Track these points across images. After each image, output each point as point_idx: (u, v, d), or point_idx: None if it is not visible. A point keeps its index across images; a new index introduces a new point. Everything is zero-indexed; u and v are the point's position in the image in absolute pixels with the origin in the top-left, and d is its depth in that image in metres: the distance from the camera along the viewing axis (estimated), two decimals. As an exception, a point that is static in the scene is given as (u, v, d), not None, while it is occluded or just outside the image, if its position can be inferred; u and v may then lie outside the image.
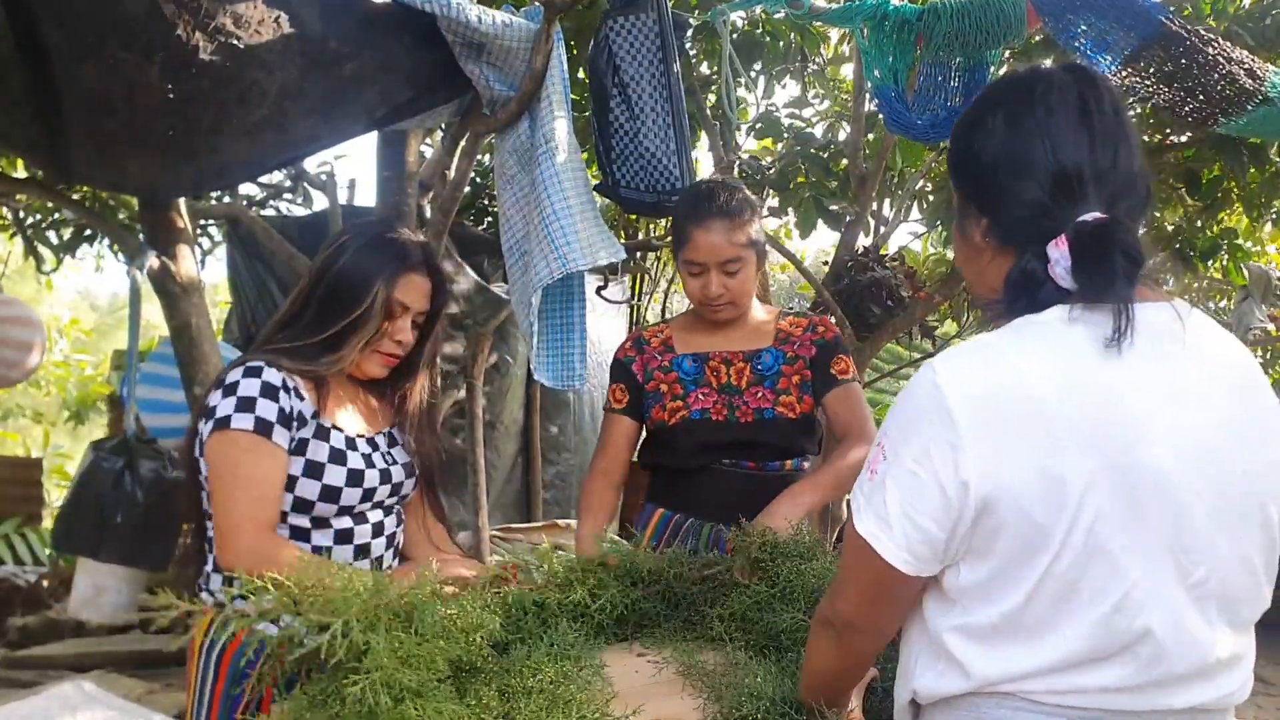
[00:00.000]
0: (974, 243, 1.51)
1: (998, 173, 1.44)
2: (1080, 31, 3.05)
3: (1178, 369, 1.36)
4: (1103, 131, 1.40)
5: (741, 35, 5.66)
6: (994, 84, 1.57)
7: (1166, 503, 1.31)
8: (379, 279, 2.16)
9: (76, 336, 14.65)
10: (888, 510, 1.36)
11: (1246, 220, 5.95)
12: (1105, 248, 1.33)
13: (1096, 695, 1.33)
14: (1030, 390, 1.31)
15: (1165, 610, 1.32)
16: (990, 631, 1.36)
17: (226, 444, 2.03)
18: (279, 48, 2.80)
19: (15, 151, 4.55)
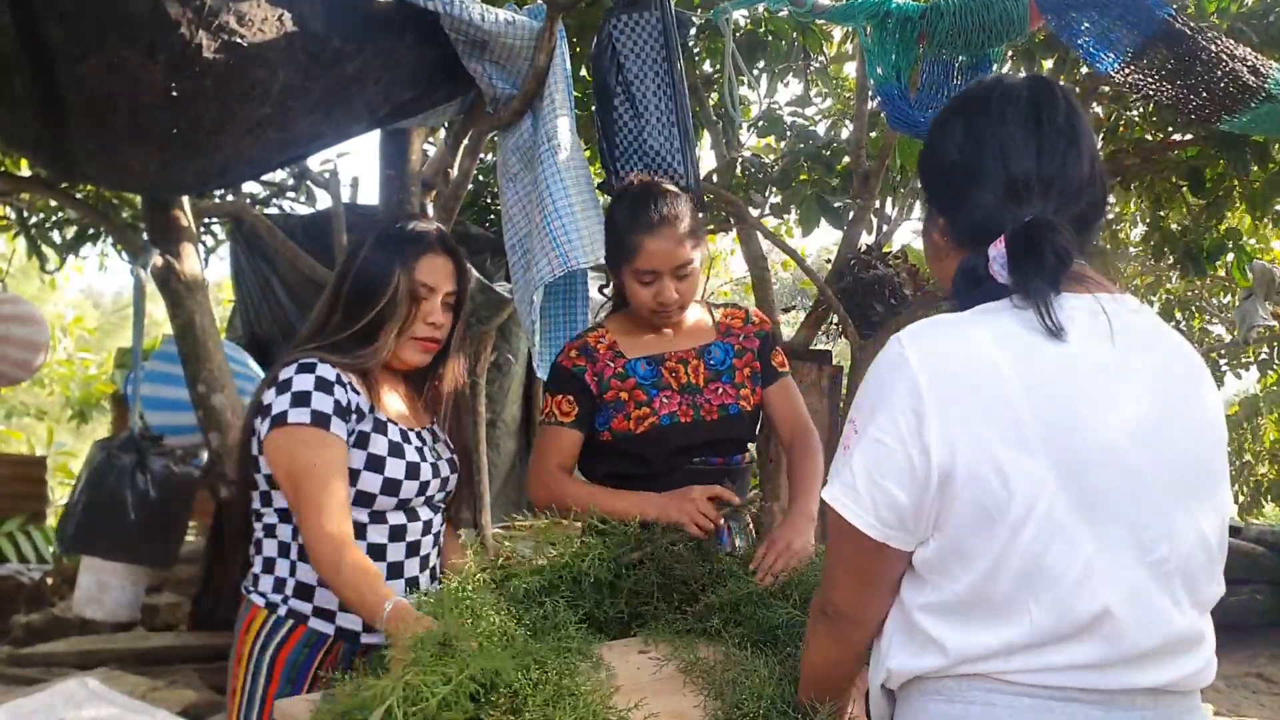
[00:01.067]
0: (934, 241, 1.60)
1: (954, 178, 1.53)
2: (1083, 29, 3.05)
3: (1121, 356, 1.41)
4: (1052, 141, 1.48)
5: (744, 33, 5.67)
6: (958, 94, 1.64)
7: (1123, 480, 1.35)
8: (397, 266, 2.19)
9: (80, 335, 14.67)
10: (854, 478, 1.40)
11: (1250, 218, 5.95)
12: (1036, 246, 1.40)
13: (1065, 673, 1.35)
14: (991, 367, 1.36)
15: (1126, 587, 1.34)
16: (958, 607, 1.39)
17: (286, 440, 2.04)
18: (282, 46, 2.80)
19: (18, 150, 4.57)
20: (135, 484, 4.52)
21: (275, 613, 2.14)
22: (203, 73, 2.72)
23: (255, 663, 2.12)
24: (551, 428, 2.62)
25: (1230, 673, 7.02)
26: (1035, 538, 1.33)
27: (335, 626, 2.13)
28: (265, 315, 6.88)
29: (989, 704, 1.38)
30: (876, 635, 1.53)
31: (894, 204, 6.96)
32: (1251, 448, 11.62)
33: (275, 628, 2.13)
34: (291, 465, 2.03)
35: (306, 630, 2.12)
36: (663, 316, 2.60)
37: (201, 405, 4.37)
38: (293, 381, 2.08)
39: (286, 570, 2.15)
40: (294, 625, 2.13)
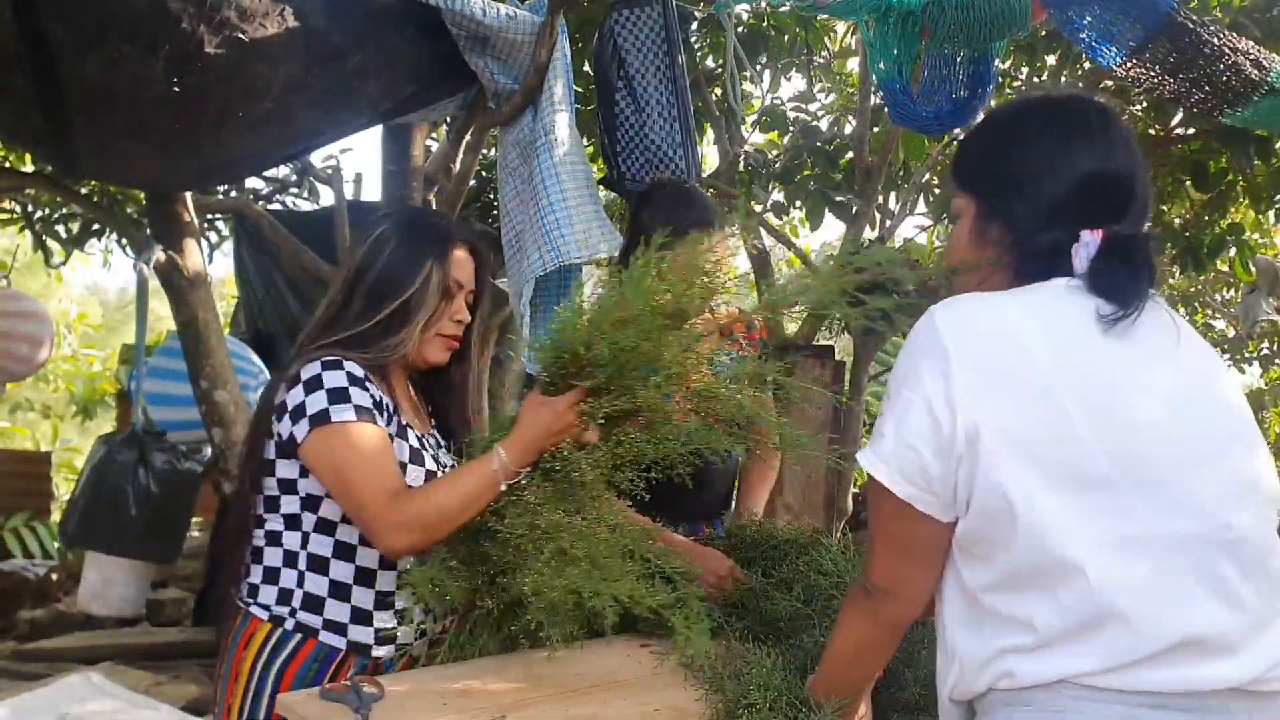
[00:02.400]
0: (994, 253, 1.56)
1: (1033, 183, 1.51)
2: (1085, 23, 3.04)
3: (1166, 350, 1.45)
4: (1129, 160, 1.50)
5: (746, 28, 5.66)
6: (1023, 103, 1.67)
7: (1168, 453, 1.37)
8: (430, 257, 2.12)
9: (85, 331, 14.68)
10: (884, 439, 1.43)
11: (1253, 213, 5.93)
12: (1134, 255, 1.43)
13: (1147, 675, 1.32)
14: (1019, 335, 1.39)
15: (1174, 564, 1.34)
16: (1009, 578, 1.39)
17: (332, 438, 1.94)
18: (283, 41, 2.80)
19: (21, 146, 4.57)
20: (137, 479, 4.53)
21: (281, 626, 2.02)
22: (204, 68, 2.72)
23: (259, 680, 2.00)
24: None
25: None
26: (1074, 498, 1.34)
27: (347, 640, 2.02)
28: (269, 311, 6.88)
29: (1079, 713, 1.35)
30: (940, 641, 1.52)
31: (897, 199, 6.94)
32: (1256, 442, 11.60)
33: (282, 642, 2.01)
34: (342, 463, 1.94)
35: (316, 644, 2.00)
36: None
37: (204, 401, 4.37)
38: (323, 378, 1.97)
39: (293, 581, 2.03)
40: (303, 639, 2.01)
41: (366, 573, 2.05)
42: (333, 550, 2.03)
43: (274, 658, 2.00)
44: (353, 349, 2.06)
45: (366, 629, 2.03)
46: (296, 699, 1.85)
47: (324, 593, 2.02)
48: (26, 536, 8.41)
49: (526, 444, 1.95)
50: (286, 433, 1.98)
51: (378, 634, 2.05)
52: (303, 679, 1.99)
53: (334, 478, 1.96)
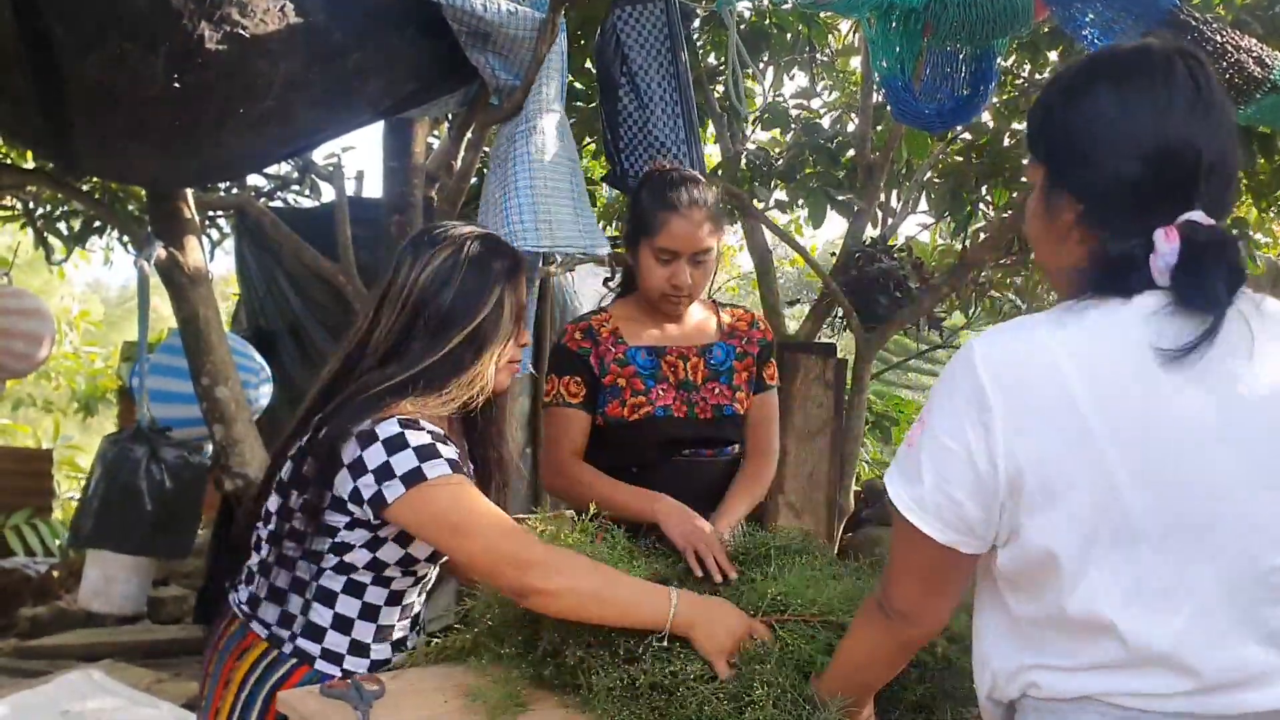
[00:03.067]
0: (1063, 222, 1.43)
1: (1103, 152, 1.37)
2: (1087, 20, 3.03)
3: (1240, 381, 1.32)
4: (1219, 121, 1.35)
5: (748, 25, 5.66)
6: (1096, 59, 1.46)
7: (1225, 510, 1.30)
8: (500, 284, 2.03)
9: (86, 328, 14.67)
10: (922, 485, 1.38)
11: (1256, 211, 5.93)
12: (1217, 258, 1.30)
13: (1171, 700, 1.31)
14: (1061, 379, 1.31)
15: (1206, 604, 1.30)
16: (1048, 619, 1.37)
17: (433, 496, 1.87)
18: (284, 38, 2.80)
19: (22, 144, 4.57)
20: (150, 476, 4.53)
21: (279, 648, 1.99)
22: (205, 66, 2.71)
23: (249, 694, 1.98)
24: (559, 409, 2.64)
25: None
26: (1108, 554, 1.31)
27: (342, 669, 1.99)
28: (270, 308, 6.88)
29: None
30: (975, 644, 1.52)
31: (899, 197, 6.95)
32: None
33: (275, 664, 1.99)
34: (448, 518, 1.87)
35: (310, 671, 1.97)
36: (671, 302, 2.61)
37: (205, 398, 4.37)
38: (407, 437, 1.88)
39: (298, 607, 1.99)
40: (297, 664, 1.98)
41: (371, 608, 2.02)
42: (343, 586, 2.00)
43: (267, 676, 1.98)
44: (426, 391, 1.96)
45: (362, 660, 2.01)
46: (297, 696, 1.85)
47: (326, 623, 1.99)
48: (28, 534, 8.40)
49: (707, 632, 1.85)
50: (369, 492, 1.88)
51: (372, 665, 2.03)
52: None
53: (450, 535, 1.89)
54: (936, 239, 7.70)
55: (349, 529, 1.95)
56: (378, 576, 2.00)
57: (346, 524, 1.94)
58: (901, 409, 9.74)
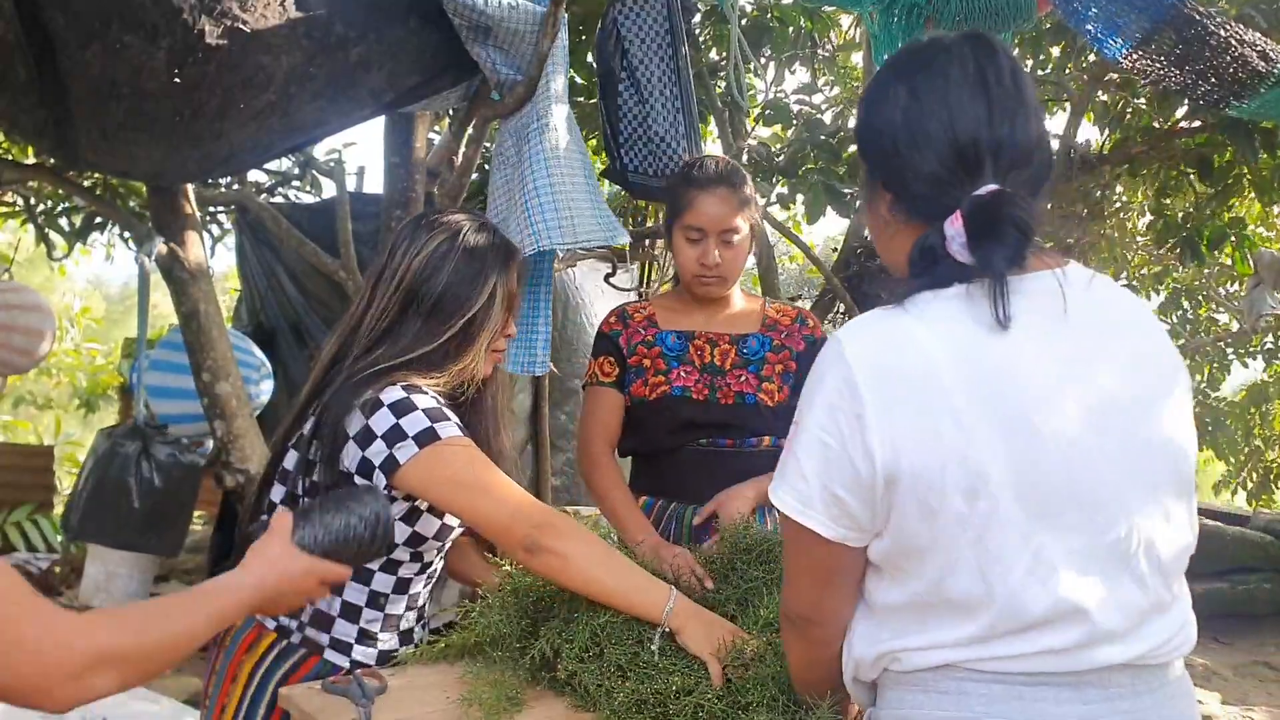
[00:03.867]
0: (882, 218, 1.50)
1: (899, 146, 1.42)
2: (1090, 14, 3.03)
3: (1069, 338, 1.37)
4: (1001, 101, 1.39)
5: (750, 20, 5.65)
6: (893, 55, 1.53)
7: (1073, 468, 1.33)
8: (493, 273, 2.04)
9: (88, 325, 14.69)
10: (805, 482, 1.37)
11: (1259, 206, 5.93)
12: (996, 220, 1.33)
13: (1033, 659, 1.34)
14: (930, 363, 1.33)
15: (1084, 571, 1.33)
16: (918, 604, 1.38)
17: (446, 454, 1.88)
18: (285, 32, 2.80)
19: (23, 137, 4.56)
20: (140, 472, 4.52)
21: (287, 638, 1.99)
22: (206, 59, 2.71)
23: (258, 687, 1.97)
24: (595, 389, 2.73)
25: (1238, 661, 7.01)
26: (982, 534, 1.31)
27: (350, 659, 1.99)
28: (271, 304, 6.88)
29: (962, 693, 1.37)
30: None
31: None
32: (1261, 433, 11.57)
33: (284, 655, 1.98)
34: (463, 475, 1.88)
35: (320, 661, 1.97)
36: (700, 283, 2.64)
37: (206, 393, 4.36)
38: (414, 400, 1.90)
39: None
40: (306, 654, 1.98)
41: (378, 596, 2.02)
42: (351, 573, 2.01)
43: (276, 668, 1.97)
44: (420, 373, 1.98)
45: (370, 649, 2.01)
46: (298, 692, 1.85)
47: (335, 612, 1.99)
48: (29, 530, 8.42)
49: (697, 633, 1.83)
50: (380, 457, 1.88)
51: (380, 655, 2.03)
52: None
53: (459, 491, 1.89)
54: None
55: None
56: (386, 561, 2.00)
57: None
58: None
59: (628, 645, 1.81)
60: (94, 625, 1.28)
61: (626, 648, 1.81)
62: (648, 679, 1.75)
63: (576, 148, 3.18)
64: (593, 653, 1.81)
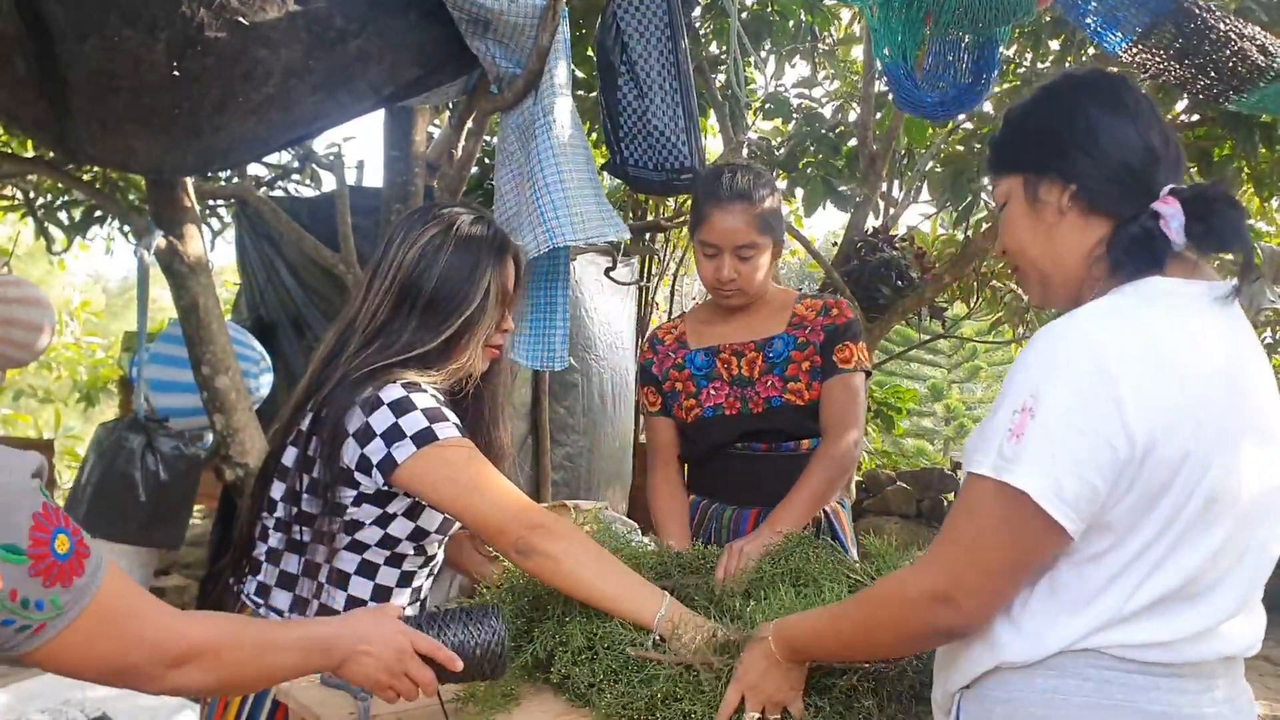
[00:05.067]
0: (1055, 208, 1.55)
1: (1093, 140, 1.52)
2: (1090, 8, 3.02)
3: (1247, 330, 1.50)
4: (1168, 129, 1.55)
5: (750, 14, 5.64)
6: (1063, 80, 1.65)
7: (1260, 458, 1.41)
8: (487, 267, 2.03)
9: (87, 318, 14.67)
10: (1058, 470, 1.35)
11: (1258, 200, 5.92)
12: (1220, 201, 1.44)
13: (1170, 649, 1.39)
14: (1169, 347, 1.38)
15: (1237, 562, 1.42)
16: (1094, 582, 1.41)
17: (444, 455, 1.88)
18: (284, 25, 2.80)
19: (22, 130, 4.56)
20: (145, 465, 4.51)
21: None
22: (204, 52, 2.71)
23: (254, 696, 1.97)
24: (648, 418, 2.83)
25: (1236, 656, 7.01)
26: (1192, 511, 1.37)
27: None
28: (270, 298, 6.87)
29: (1104, 680, 1.39)
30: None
31: (900, 187, 6.93)
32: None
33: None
34: (460, 476, 1.89)
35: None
36: (720, 295, 2.66)
37: (206, 387, 4.36)
38: (413, 400, 1.90)
39: (310, 591, 1.99)
40: None
41: (383, 590, 2.03)
42: (357, 567, 2.01)
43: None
44: (418, 371, 1.97)
45: None
46: (297, 687, 1.85)
47: (340, 606, 1.99)
48: (30, 523, 8.41)
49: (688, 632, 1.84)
50: (379, 455, 1.89)
51: None
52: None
53: (457, 493, 1.89)
54: (938, 228, 7.69)
55: (356, 504, 1.95)
56: (391, 556, 2.01)
57: (354, 499, 1.94)
58: (903, 397, 9.75)
59: (621, 648, 1.81)
60: (193, 620, 1.38)
61: (619, 651, 1.81)
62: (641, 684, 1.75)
63: (580, 142, 3.18)
64: (586, 655, 1.81)
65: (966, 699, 1.49)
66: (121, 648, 1.26)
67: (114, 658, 1.26)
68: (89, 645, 1.22)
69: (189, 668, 1.33)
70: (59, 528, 1.16)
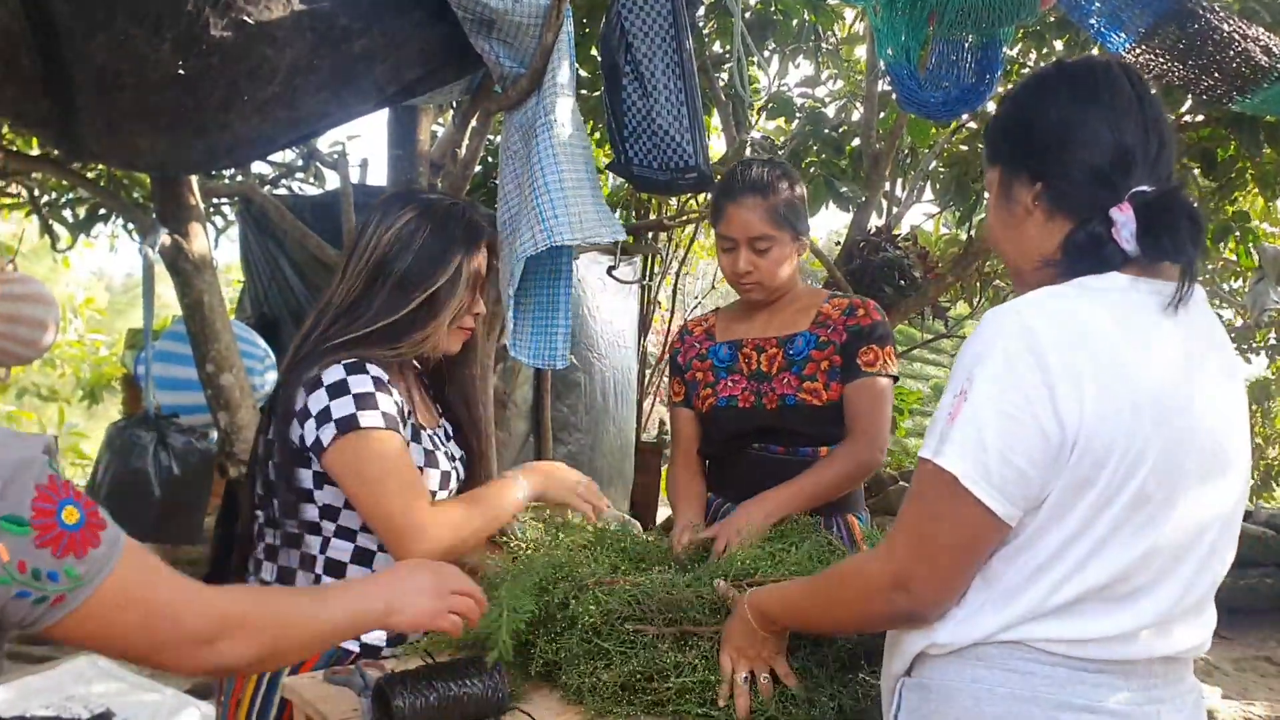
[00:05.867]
0: (1023, 206, 1.56)
1: (1062, 140, 1.51)
2: (1094, 9, 3.03)
3: (1205, 341, 1.48)
4: (1153, 124, 1.50)
5: (754, 13, 5.64)
6: (1051, 67, 1.63)
7: (1199, 460, 1.41)
8: (459, 252, 2.09)
9: (91, 315, 14.67)
10: (987, 455, 1.36)
11: (1262, 200, 5.92)
12: (1171, 211, 1.42)
13: (1101, 645, 1.40)
14: (1109, 340, 1.38)
15: (1176, 560, 1.41)
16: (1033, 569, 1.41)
17: (361, 444, 1.92)
18: (289, 24, 2.80)
19: (27, 128, 4.57)
20: (159, 461, 4.52)
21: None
22: (210, 51, 2.71)
23: (271, 681, 2.00)
24: (672, 409, 2.86)
25: (1239, 656, 7.01)
26: (1120, 510, 1.37)
27: (360, 643, 2.04)
28: (274, 296, 6.89)
29: (1028, 672, 1.41)
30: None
31: (903, 186, 6.93)
32: (1262, 431, 11.59)
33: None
34: (369, 470, 1.92)
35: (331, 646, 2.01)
36: (741, 289, 2.68)
37: (210, 385, 4.37)
38: (349, 383, 1.94)
39: (309, 583, 2.03)
40: None
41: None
42: (351, 555, 2.04)
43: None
44: (377, 344, 2.02)
45: (378, 631, 2.00)
46: (302, 682, 1.86)
47: None
48: (33, 520, 8.42)
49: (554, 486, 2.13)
50: (311, 438, 1.93)
51: (388, 636, 2.05)
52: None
53: (359, 485, 1.93)
54: (941, 228, 7.69)
55: (319, 486, 1.99)
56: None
57: (313, 479, 1.98)
58: (905, 397, 9.74)
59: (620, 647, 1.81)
60: (219, 592, 1.37)
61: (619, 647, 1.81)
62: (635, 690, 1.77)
63: (581, 142, 3.18)
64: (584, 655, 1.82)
65: (907, 686, 1.52)
66: (147, 621, 1.25)
67: (140, 632, 1.25)
68: (113, 618, 1.21)
69: (224, 643, 1.31)
70: (66, 499, 1.16)
